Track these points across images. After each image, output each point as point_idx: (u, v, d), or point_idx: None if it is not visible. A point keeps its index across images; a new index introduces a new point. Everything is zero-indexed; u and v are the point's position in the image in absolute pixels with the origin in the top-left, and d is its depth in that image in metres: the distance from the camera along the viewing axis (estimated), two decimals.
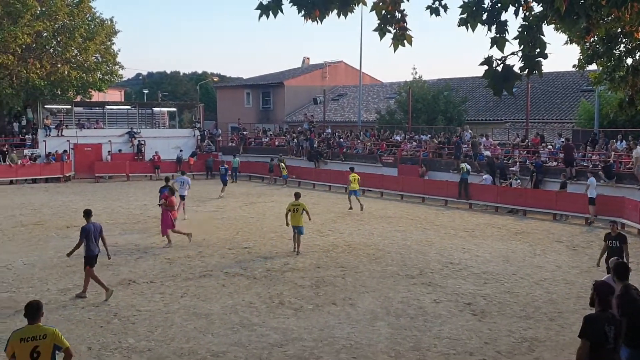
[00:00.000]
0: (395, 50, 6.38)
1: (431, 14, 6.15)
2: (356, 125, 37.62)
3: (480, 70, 5.54)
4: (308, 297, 10.92)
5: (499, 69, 5.43)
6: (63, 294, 10.97)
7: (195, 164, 34.13)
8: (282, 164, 30.72)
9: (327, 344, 8.61)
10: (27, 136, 33.83)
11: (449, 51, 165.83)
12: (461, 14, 5.69)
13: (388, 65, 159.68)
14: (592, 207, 19.16)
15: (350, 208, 21.52)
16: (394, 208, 22.78)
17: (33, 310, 5.54)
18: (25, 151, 31.94)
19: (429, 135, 30.03)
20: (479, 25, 5.67)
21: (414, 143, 29.68)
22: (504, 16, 5.60)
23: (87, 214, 10.92)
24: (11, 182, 29.54)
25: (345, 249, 15.13)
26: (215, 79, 69.24)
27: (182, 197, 19.43)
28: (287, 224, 14.79)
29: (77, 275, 12.21)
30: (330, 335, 8.97)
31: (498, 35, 5.52)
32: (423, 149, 28.93)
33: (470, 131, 27.97)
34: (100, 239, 10.75)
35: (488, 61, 5.44)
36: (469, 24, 5.69)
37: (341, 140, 33.17)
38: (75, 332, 8.92)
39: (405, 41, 6.28)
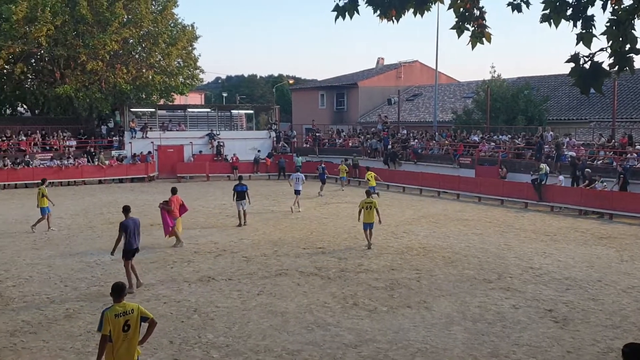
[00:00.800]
0: (473, 48, 6.25)
1: (512, 10, 5.98)
2: (431, 125, 37.07)
3: (563, 68, 5.34)
4: (382, 298, 10.87)
5: (587, 66, 5.19)
6: (147, 289, 11.47)
7: (271, 165, 34.82)
8: (344, 165, 30.79)
9: (402, 347, 8.53)
10: (114, 138, 35.66)
11: (529, 48, 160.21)
12: (544, 9, 5.48)
13: (465, 64, 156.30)
14: None
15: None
16: (471, 210, 22.27)
17: (119, 290, 6.30)
18: (113, 152, 33.69)
19: (509, 136, 29.14)
20: (563, 20, 5.45)
21: (493, 144, 28.89)
22: (590, 11, 5.35)
23: (126, 210, 11.57)
24: (100, 182, 31.25)
25: (420, 251, 14.94)
26: (290, 82, 70.23)
27: (298, 192, 21.34)
28: (359, 220, 15.49)
29: (160, 272, 12.76)
30: (405, 338, 8.89)
31: (584, 31, 5.28)
32: (502, 149, 28.10)
33: (551, 132, 26.93)
34: (138, 233, 11.38)
35: (575, 58, 5.21)
36: (552, 20, 5.47)
37: (414, 142, 32.75)
38: (157, 326, 9.28)
39: (483, 39, 6.14)
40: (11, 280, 12.04)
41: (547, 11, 5.48)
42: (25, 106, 41.49)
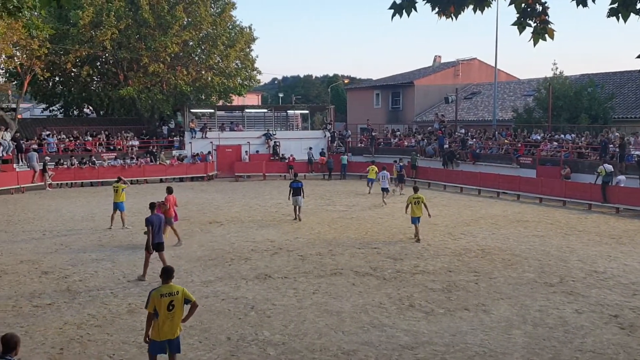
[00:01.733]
0: (535, 45, 6.09)
1: (577, 5, 5.78)
2: (490, 124, 36.26)
3: (631, 64, 5.12)
4: (439, 300, 10.72)
5: None
6: (205, 285, 11.73)
7: (321, 160, 34.95)
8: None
9: (459, 350, 8.39)
10: (175, 138, 36.64)
11: (593, 44, 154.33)
12: (611, 3, 5.28)
13: (525, 61, 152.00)
14: None
15: (369, 193, 26.46)
16: (531, 212, 21.65)
17: (168, 273, 7.08)
18: (174, 152, 34.61)
19: (572, 135, 28.15)
20: (632, 15, 5.23)
21: (555, 143, 27.98)
22: None
23: (151, 206, 12.65)
24: (161, 181, 32.17)
25: (479, 253, 14.64)
26: (345, 81, 70.25)
27: (385, 190, 23.30)
28: (406, 212, 16.46)
29: (219, 269, 13.02)
30: (463, 341, 8.74)
31: None
32: (564, 149, 27.19)
33: (617, 132, 25.87)
34: (162, 228, 12.27)
35: None
36: (620, 14, 5.26)
37: (472, 141, 32.11)
38: (216, 322, 9.51)
39: (546, 35, 5.96)
40: (77, 275, 12.55)
41: (615, 5, 5.28)
42: (91, 107, 43.25)
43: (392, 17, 5.94)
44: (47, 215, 20.60)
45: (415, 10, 5.88)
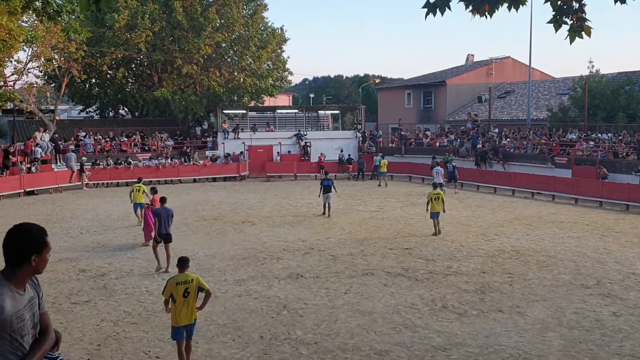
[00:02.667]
0: (571, 43, 5.98)
1: (615, 2, 5.66)
2: (524, 123, 35.68)
3: None
4: (472, 302, 10.61)
5: None
6: (238, 284, 11.85)
7: (353, 165, 34.88)
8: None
9: (493, 352, 8.30)
10: (208, 139, 37.08)
11: (631, 42, 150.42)
12: None
13: (560, 59, 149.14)
14: None
15: (379, 185, 29.77)
16: (567, 212, 21.25)
17: (184, 262, 7.61)
18: (207, 152, 35.04)
19: (609, 134, 27.52)
20: None
21: (591, 142, 27.39)
22: None
23: (162, 200, 13.62)
24: (194, 181, 32.62)
25: (513, 254, 14.44)
26: (376, 81, 70.00)
27: (440, 185, 23.60)
28: (427, 210, 17.00)
29: (251, 268, 13.14)
30: (497, 343, 8.64)
31: None
32: (601, 148, 26.59)
33: None
34: (170, 221, 12.99)
35: None
36: None
37: (506, 141, 31.64)
38: (249, 321, 9.60)
39: (583, 33, 5.85)
40: (114, 273, 12.82)
41: None
42: (126, 109, 44.09)
43: (426, 17, 5.89)
44: (84, 215, 21.09)
45: (449, 9, 5.81)
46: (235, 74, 37.71)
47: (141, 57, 36.81)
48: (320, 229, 17.91)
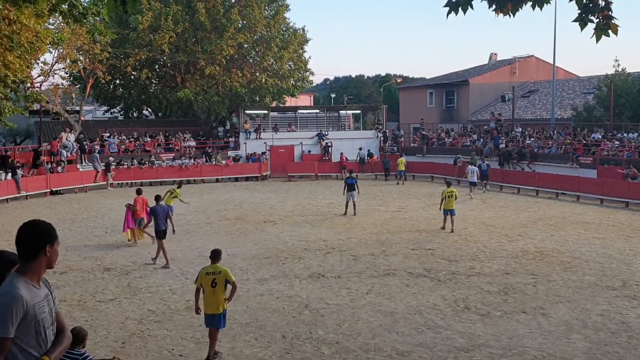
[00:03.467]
0: (597, 41, 5.86)
1: None
2: (548, 123, 35.23)
3: None
4: (495, 303, 10.52)
5: None
6: (260, 283, 11.91)
7: (376, 164, 34.80)
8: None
9: (517, 353, 8.22)
10: (230, 139, 37.33)
11: None
12: None
13: (585, 58, 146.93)
14: None
15: (397, 183, 30.98)
16: (592, 213, 20.94)
17: (216, 254, 8.21)
18: (229, 152, 35.28)
19: (635, 134, 27.04)
20: None
21: (617, 142, 26.94)
22: None
23: (157, 198, 14.13)
24: (217, 180, 32.87)
25: (537, 255, 14.28)
26: (398, 80, 69.68)
27: (474, 184, 25.08)
28: (440, 209, 17.58)
29: (273, 267, 13.20)
30: (520, 344, 8.55)
31: None
32: (627, 148, 26.14)
33: None
34: (168, 218, 13.61)
35: None
36: None
37: (530, 140, 31.27)
38: (271, 320, 9.65)
39: (609, 31, 5.76)
40: (138, 272, 12.98)
41: None
42: (149, 109, 44.56)
43: (447, 15, 5.84)
44: (108, 214, 21.37)
45: (472, 7, 5.74)
46: (257, 74, 37.87)
47: (164, 58, 37.18)
48: (342, 229, 17.91)
